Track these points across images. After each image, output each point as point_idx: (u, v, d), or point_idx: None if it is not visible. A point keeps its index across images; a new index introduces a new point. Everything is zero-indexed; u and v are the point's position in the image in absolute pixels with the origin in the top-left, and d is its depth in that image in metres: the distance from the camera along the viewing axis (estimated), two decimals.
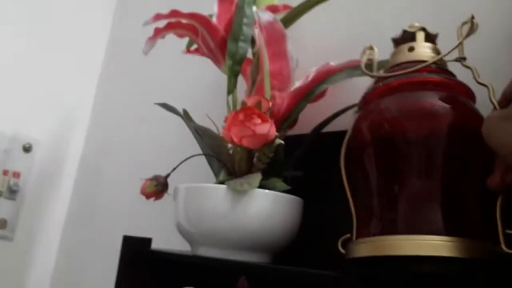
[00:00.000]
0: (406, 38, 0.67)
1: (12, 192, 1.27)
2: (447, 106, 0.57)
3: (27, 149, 1.33)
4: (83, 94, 1.46)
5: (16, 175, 1.30)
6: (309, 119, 0.87)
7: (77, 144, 1.42)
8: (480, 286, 0.57)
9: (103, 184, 1.27)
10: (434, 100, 0.58)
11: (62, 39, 1.41)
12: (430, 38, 0.67)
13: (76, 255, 1.26)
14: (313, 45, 0.95)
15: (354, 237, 0.62)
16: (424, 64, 0.61)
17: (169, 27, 0.86)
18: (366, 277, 0.58)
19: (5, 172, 1.25)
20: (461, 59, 0.63)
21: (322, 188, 0.80)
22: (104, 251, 1.17)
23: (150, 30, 0.85)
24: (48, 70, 1.38)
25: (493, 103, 0.57)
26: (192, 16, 0.83)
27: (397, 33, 0.68)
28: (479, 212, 0.56)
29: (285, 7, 0.92)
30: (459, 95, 0.60)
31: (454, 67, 0.63)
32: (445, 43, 0.64)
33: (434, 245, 0.51)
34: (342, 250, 0.64)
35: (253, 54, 0.87)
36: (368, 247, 0.56)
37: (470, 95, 0.62)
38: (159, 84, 1.24)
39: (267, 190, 0.72)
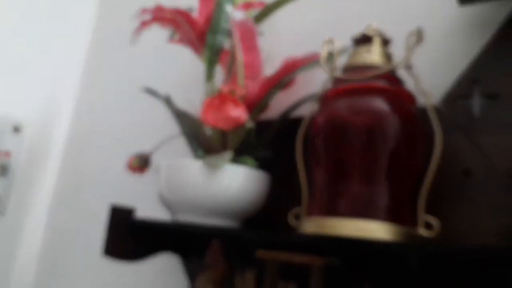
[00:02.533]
0: (364, 39, 0.78)
1: (3, 170, 1.35)
2: (388, 109, 0.68)
3: (17, 129, 1.40)
4: (70, 77, 1.53)
5: (7, 154, 1.38)
6: (281, 105, 0.97)
7: (64, 124, 1.50)
8: (411, 265, 0.69)
9: (90, 161, 1.36)
10: (378, 104, 0.69)
11: (50, 24, 1.48)
12: (385, 42, 0.78)
13: (65, 226, 1.35)
14: (286, 38, 1.05)
15: (304, 214, 0.73)
16: (375, 74, 0.72)
17: (154, 19, 0.95)
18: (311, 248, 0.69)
19: None
20: (407, 67, 0.74)
21: (287, 166, 0.91)
22: (91, 221, 1.27)
23: (134, 18, 0.94)
24: (36, 53, 1.45)
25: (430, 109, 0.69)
26: (175, 11, 0.92)
27: (361, 28, 0.79)
28: (408, 201, 0.68)
29: (260, 3, 1.01)
30: (401, 100, 0.71)
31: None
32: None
33: (372, 228, 0.63)
34: (292, 223, 0.75)
35: (230, 47, 0.96)
36: (314, 225, 0.68)
37: (411, 99, 0.73)
38: (143, 70, 1.33)
39: (238, 166, 0.82)
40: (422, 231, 0.66)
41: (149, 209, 1.07)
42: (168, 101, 0.95)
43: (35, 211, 1.44)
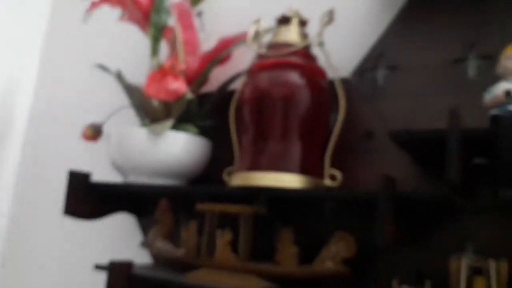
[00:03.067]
0: (284, 20, 0.90)
1: None
2: (301, 82, 0.81)
3: None
4: (30, 54, 1.59)
5: None
6: (220, 79, 1.09)
7: (25, 99, 1.56)
8: (324, 209, 0.84)
9: (49, 132, 1.44)
10: (292, 78, 0.82)
11: (8, 3, 1.52)
12: (303, 23, 0.90)
13: (29, 191, 1.44)
14: (223, 18, 1.15)
15: (234, 170, 0.87)
16: (291, 51, 0.84)
17: (103, 0, 1.04)
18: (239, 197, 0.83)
19: None
20: (320, 44, 0.87)
21: (225, 133, 1.03)
22: (52, 186, 1.37)
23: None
24: None
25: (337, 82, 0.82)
26: None
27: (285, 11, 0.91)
28: (317, 157, 0.82)
29: None
30: (312, 73, 0.83)
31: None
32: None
33: (287, 179, 0.77)
34: (226, 178, 0.89)
35: (174, 25, 1.07)
36: (241, 178, 0.81)
37: (322, 73, 0.86)
38: (97, 47, 1.40)
39: (179, 133, 0.94)
40: (328, 182, 0.80)
41: (103, 174, 1.18)
42: (118, 76, 1.04)
43: (2, 180, 1.53)
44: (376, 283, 0.81)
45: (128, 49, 1.24)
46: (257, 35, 0.92)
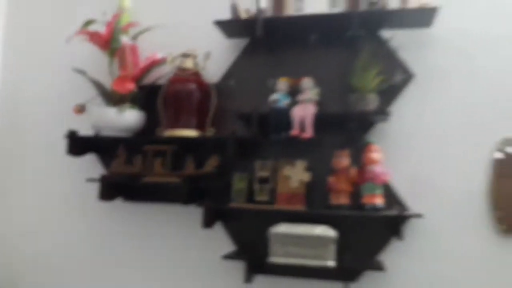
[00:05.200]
0: (186, 55, 1.82)
1: None
2: (193, 86, 1.77)
3: None
4: None
5: None
6: (152, 79, 1.97)
7: None
8: (208, 146, 1.83)
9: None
10: (190, 84, 1.77)
11: None
12: (194, 56, 1.83)
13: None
14: (152, 44, 2.00)
15: (161, 129, 1.80)
16: (189, 72, 1.78)
17: (81, 32, 1.86)
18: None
19: None
20: (202, 69, 1.82)
21: (155, 108, 1.92)
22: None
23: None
24: None
25: (211, 85, 1.81)
26: (94, 32, 1.84)
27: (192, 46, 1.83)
28: (203, 122, 1.79)
29: (135, 23, 1.96)
30: (200, 82, 1.79)
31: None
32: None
33: (188, 133, 1.73)
34: (158, 133, 1.82)
35: (120, 49, 1.91)
36: (166, 132, 1.75)
37: (203, 82, 1.82)
38: (70, 53, 2.10)
39: (130, 110, 1.82)
40: (208, 133, 1.78)
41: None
42: (88, 76, 1.88)
43: None
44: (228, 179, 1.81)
45: (91, 59, 2.03)
46: (172, 60, 1.83)
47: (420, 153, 1.70)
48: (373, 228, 1.69)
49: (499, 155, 1.63)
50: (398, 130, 1.72)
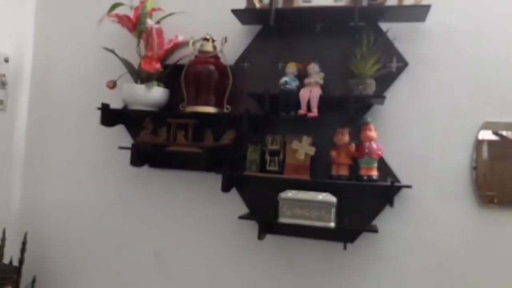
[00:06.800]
0: (205, 39, 2.03)
1: (3, 85, 2.31)
2: (212, 67, 2.00)
3: (6, 60, 2.35)
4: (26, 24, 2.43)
5: (3, 75, 2.33)
6: (175, 59, 2.19)
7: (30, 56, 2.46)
8: (223, 123, 2.07)
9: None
10: (209, 65, 2.00)
11: None
12: (213, 40, 2.05)
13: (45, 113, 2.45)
14: (176, 27, 2.21)
15: (185, 105, 2.04)
16: (209, 54, 2.00)
17: (110, 15, 2.07)
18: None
19: None
20: (220, 52, 2.04)
21: (179, 86, 2.15)
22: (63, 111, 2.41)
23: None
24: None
25: (228, 67, 2.03)
26: (122, 15, 2.05)
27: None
28: (222, 100, 2.02)
29: (158, 8, 2.16)
30: (218, 63, 2.02)
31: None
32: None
33: (209, 109, 1.97)
34: (181, 108, 2.06)
35: (147, 31, 2.12)
36: (189, 109, 2.00)
37: (222, 63, 2.04)
38: (99, 33, 2.30)
39: (157, 87, 2.05)
40: (226, 110, 2.01)
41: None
42: (117, 55, 2.10)
43: (21, 108, 2.47)
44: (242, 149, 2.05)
45: (120, 40, 2.24)
46: (193, 43, 2.05)
47: (411, 132, 1.94)
48: (369, 196, 1.94)
49: (481, 136, 1.87)
50: (393, 112, 1.95)
